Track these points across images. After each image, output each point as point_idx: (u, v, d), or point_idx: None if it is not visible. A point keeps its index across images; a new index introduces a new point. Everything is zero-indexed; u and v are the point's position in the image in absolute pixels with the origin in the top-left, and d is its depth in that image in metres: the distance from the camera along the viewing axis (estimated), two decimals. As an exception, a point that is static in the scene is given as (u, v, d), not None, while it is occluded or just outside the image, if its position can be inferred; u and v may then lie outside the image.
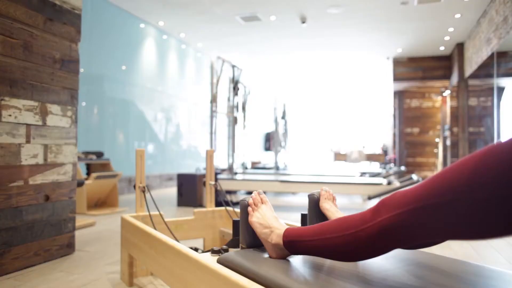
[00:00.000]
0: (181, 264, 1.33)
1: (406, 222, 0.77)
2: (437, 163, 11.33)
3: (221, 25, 7.29)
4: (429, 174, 11.46)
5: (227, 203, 5.05)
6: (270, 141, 12.01)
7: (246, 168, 8.11)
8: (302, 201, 5.70)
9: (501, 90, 6.49)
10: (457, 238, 0.76)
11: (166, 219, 2.36)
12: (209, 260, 1.17)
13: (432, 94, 11.04)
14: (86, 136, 5.65)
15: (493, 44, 6.02)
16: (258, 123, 12.37)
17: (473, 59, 7.42)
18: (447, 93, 9.37)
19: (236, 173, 5.86)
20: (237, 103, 5.81)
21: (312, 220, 1.36)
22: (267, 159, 12.17)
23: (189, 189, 5.04)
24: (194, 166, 8.80)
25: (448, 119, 9.29)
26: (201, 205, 4.94)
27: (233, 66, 5.64)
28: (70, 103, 2.58)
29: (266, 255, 1.14)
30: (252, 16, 6.74)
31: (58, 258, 2.45)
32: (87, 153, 4.67)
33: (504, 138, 0.70)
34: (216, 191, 5.17)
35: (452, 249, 2.81)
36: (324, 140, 14.13)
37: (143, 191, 2.24)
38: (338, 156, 11.95)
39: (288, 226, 1.11)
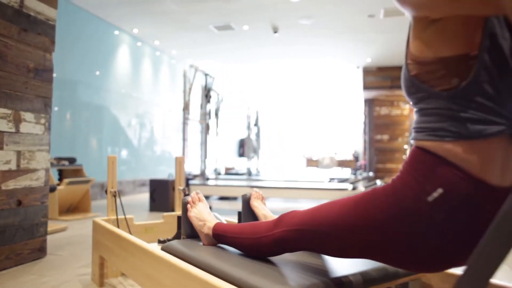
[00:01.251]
0: (139, 256, 1.52)
1: (291, 238, 1.04)
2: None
3: (195, 34, 7.42)
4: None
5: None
6: (243, 147, 12.14)
7: (219, 173, 8.22)
8: (272, 205, 5.86)
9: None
10: (325, 254, 1.05)
11: (137, 223, 2.48)
12: (156, 248, 1.42)
13: (400, 103, 11.43)
14: (59, 141, 5.66)
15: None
16: (232, 129, 12.51)
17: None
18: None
19: (208, 179, 5.97)
20: (210, 110, 5.94)
21: (244, 215, 1.66)
22: (241, 165, 12.32)
23: (162, 195, 5.12)
24: (167, 172, 8.85)
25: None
26: (173, 209, 5.03)
27: (206, 75, 5.77)
28: (43, 111, 2.66)
29: (200, 243, 1.42)
30: (226, 25, 6.90)
31: (29, 261, 2.52)
32: (59, 159, 4.70)
33: None
34: (188, 194, 5.26)
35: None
36: (297, 146, 14.37)
37: (114, 196, 2.35)
38: (310, 162, 12.20)
39: (218, 221, 1.40)
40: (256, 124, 8.79)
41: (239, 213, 1.75)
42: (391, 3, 5.90)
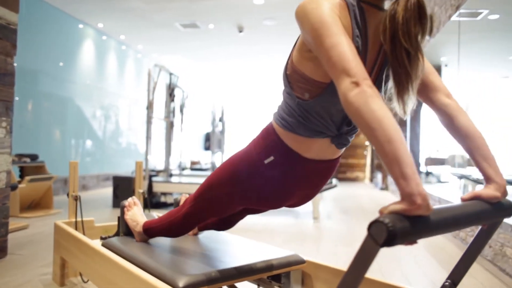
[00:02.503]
0: (90, 255, 1.76)
1: (193, 209, 1.37)
2: (366, 164, 12.18)
3: (161, 30, 7.46)
4: (360, 175, 12.28)
5: (162, 204, 5.29)
6: (209, 141, 12.27)
7: (183, 169, 8.34)
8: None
9: (419, 100, 7.21)
10: (218, 215, 1.45)
11: (97, 224, 2.61)
12: (98, 244, 1.73)
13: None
14: (20, 133, 5.57)
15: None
16: (198, 123, 12.59)
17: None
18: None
19: (171, 175, 6.09)
20: (174, 108, 6.04)
21: None
22: (207, 158, 12.43)
23: (125, 191, 5.19)
24: (133, 165, 8.87)
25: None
26: (136, 206, 5.13)
27: (171, 74, 5.86)
28: (5, 115, 2.73)
29: (134, 240, 1.72)
30: (191, 23, 6.98)
31: (-9, 261, 2.60)
32: (20, 156, 4.71)
33: (422, 140, 1.25)
34: (151, 193, 5.38)
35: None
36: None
37: (76, 200, 2.47)
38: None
39: (146, 220, 1.72)
40: (221, 120, 8.93)
41: None
42: (351, 9, 6.16)
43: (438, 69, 6.42)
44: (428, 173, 7.53)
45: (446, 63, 6.39)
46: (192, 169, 9.09)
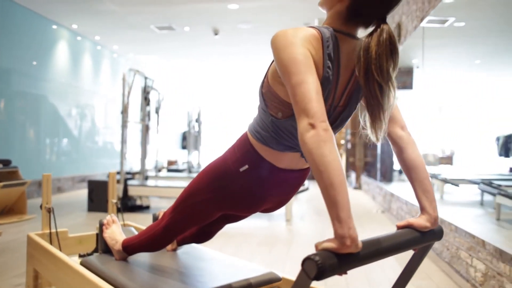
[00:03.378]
0: (65, 271, 1.79)
1: (173, 220, 1.40)
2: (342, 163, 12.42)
3: (136, 32, 7.46)
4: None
5: (137, 207, 5.34)
6: (187, 140, 12.30)
7: (159, 170, 8.37)
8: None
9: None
10: (197, 224, 1.46)
11: (71, 235, 2.66)
12: (76, 262, 1.74)
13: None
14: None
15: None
16: (176, 122, 12.58)
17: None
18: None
19: (147, 178, 6.13)
20: (149, 111, 6.07)
21: None
22: (184, 157, 12.45)
23: (100, 195, 5.21)
24: (109, 165, 8.85)
25: (349, 123, 10.27)
26: (111, 210, 5.16)
27: (146, 78, 5.89)
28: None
29: (113, 258, 1.73)
30: (167, 26, 7.01)
31: (-36, 272, 2.63)
32: (-7, 161, 4.69)
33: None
34: (126, 196, 5.42)
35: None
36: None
37: (49, 212, 2.52)
38: (252, 156, 12.58)
39: (125, 237, 1.73)
40: (197, 120, 8.98)
41: None
42: (324, 14, 6.30)
43: (410, 71, 6.63)
44: (401, 171, 7.76)
45: (418, 65, 6.61)
46: (169, 170, 9.11)
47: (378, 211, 5.90)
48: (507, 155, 6.84)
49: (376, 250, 0.97)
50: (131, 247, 1.62)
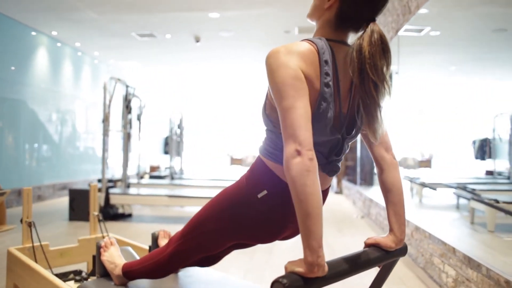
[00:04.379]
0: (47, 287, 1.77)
1: (181, 249, 1.32)
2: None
3: (117, 39, 7.45)
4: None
5: (120, 215, 5.33)
6: (169, 145, 12.28)
7: (142, 177, 8.35)
8: (191, 210, 6.18)
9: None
10: (207, 253, 1.34)
11: (52, 248, 2.67)
12: (60, 281, 1.72)
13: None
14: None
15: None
16: (158, 127, 12.55)
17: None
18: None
19: (129, 185, 6.13)
20: (131, 119, 6.07)
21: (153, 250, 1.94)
22: (167, 162, 12.42)
23: (82, 204, 5.19)
24: (91, 171, 8.79)
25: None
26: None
27: (127, 86, 5.90)
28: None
29: (112, 283, 1.64)
30: (148, 34, 7.03)
31: None
32: (-29, 172, 4.63)
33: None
34: (108, 204, 5.41)
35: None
36: (221, 145, 14.71)
37: (30, 226, 2.53)
38: (234, 161, 12.61)
39: (126, 262, 1.65)
40: (179, 126, 9.00)
41: (150, 248, 2.04)
42: (304, 23, 6.42)
43: (390, 76, 6.79)
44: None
45: (397, 71, 6.78)
46: (151, 176, 9.10)
47: (358, 216, 6.02)
48: (482, 158, 7.04)
49: (342, 270, 1.05)
50: (132, 273, 1.52)
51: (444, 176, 8.45)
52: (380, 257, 1.18)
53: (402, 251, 1.24)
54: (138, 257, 1.90)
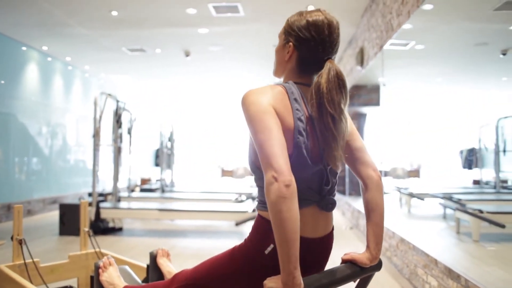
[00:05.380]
0: None
1: None
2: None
3: (107, 53, 7.52)
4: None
5: (110, 230, 5.34)
6: (160, 157, 12.31)
7: (133, 190, 8.36)
8: (182, 223, 6.21)
9: (363, 116, 7.72)
10: None
11: (42, 264, 2.70)
12: None
13: (308, 116, 12.33)
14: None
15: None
16: (149, 139, 12.58)
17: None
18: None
19: (120, 199, 6.15)
20: (121, 134, 6.12)
21: (152, 270, 1.98)
22: (158, 175, 12.42)
23: (72, 219, 5.18)
24: (81, 184, 8.77)
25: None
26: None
27: (117, 101, 5.96)
28: None
29: None
30: (138, 48, 7.12)
31: None
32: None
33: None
34: (99, 218, 5.43)
35: None
36: (212, 157, 14.74)
37: (20, 243, 2.56)
38: (225, 172, 12.66)
39: (126, 285, 1.69)
40: (170, 139, 9.05)
41: (148, 267, 2.09)
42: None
43: (377, 88, 6.93)
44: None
45: (384, 83, 6.92)
46: (142, 189, 9.11)
47: (347, 227, 6.09)
48: (470, 168, 7.18)
49: (318, 286, 1.12)
50: None
51: (432, 186, 8.58)
52: (355, 272, 1.26)
53: (377, 267, 1.32)
54: (136, 277, 1.94)
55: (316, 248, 1.22)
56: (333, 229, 1.32)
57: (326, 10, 1.24)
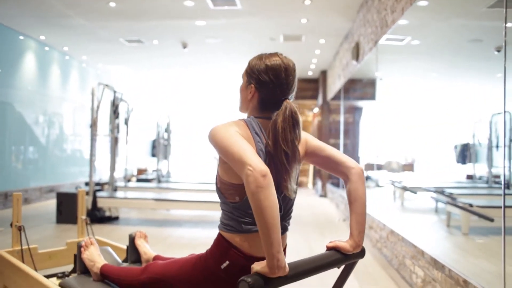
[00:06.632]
0: None
1: (151, 283, 1.48)
2: (309, 170, 12.73)
3: (105, 44, 7.54)
4: (304, 180, 12.82)
5: (107, 218, 5.41)
6: (156, 148, 12.36)
7: (129, 180, 8.43)
8: (177, 213, 6.29)
9: (359, 109, 7.79)
10: None
11: (41, 251, 2.77)
12: (55, 284, 1.83)
13: (305, 110, 12.39)
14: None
15: (342, 79, 7.24)
16: (146, 130, 12.62)
17: (332, 87, 8.70)
18: (316, 110, 10.70)
19: (116, 189, 6.22)
20: (118, 124, 6.17)
21: (130, 250, 2.14)
22: (154, 165, 12.49)
23: (69, 207, 5.26)
24: (78, 174, 8.82)
25: (316, 132, 10.61)
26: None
27: (115, 92, 6.00)
28: None
29: (91, 279, 1.85)
30: (136, 40, 7.14)
31: None
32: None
33: (363, 147, 1.49)
34: (95, 207, 5.51)
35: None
36: (208, 148, 14.82)
37: (19, 230, 2.63)
38: (221, 164, 12.76)
39: (105, 263, 1.85)
40: (167, 130, 9.10)
41: (127, 247, 2.22)
42: (289, 31, 6.59)
43: (373, 83, 7.00)
44: (367, 178, 8.08)
45: (381, 77, 6.98)
46: (138, 179, 9.18)
47: (340, 219, 6.19)
48: (463, 162, 7.26)
49: (302, 271, 1.20)
50: (108, 278, 1.74)
51: (425, 180, 8.68)
52: (338, 259, 1.34)
53: (360, 254, 1.40)
54: (116, 256, 2.13)
55: None
56: (285, 247, 1.43)
57: (282, 54, 1.38)
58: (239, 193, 1.29)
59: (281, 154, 1.25)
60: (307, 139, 1.43)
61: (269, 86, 1.31)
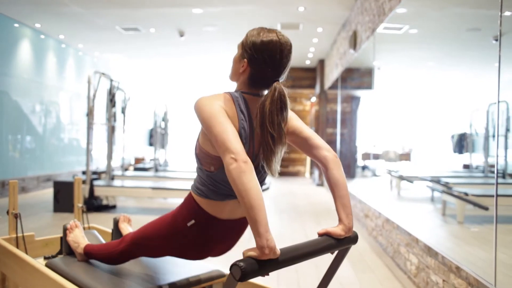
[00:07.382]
0: (31, 273, 1.95)
1: (129, 249, 1.58)
2: (307, 159, 12.77)
3: (101, 32, 7.48)
4: (302, 169, 12.86)
5: (104, 207, 5.43)
6: (154, 137, 12.35)
7: (126, 169, 8.43)
8: (174, 202, 6.31)
9: (357, 98, 7.78)
10: (150, 256, 1.63)
11: (37, 238, 2.79)
12: (41, 264, 1.90)
13: (302, 99, 12.38)
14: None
15: (339, 68, 7.21)
16: (143, 119, 12.61)
17: (330, 76, 8.68)
18: (313, 99, 10.69)
19: (113, 178, 6.22)
20: (115, 112, 6.16)
21: (115, 234, 2.22)
22: (151, 154, 12.50)
23: (66, 196, 5.28)
24: (75, 162, 8.82)
25: (313, 121, 10.61)
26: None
27: (111, 80, 5.97)
28: None
29: (75, 259, 1.92)
30: (133, 28, 7.09)
31: None
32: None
33: (361, 136, 1.54)
34: (93, 196, 5.52)
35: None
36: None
37: (16, 217, 2.64)
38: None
39: (88, 243, 1.92)
40: (164, 119, 9.08)
41: (112, 231, 2.31)
42: (287, 19, 6.55)
43: (371, 72, 6.98)
44: (364, 167, 8.10)
45: (379, 66, 6.97)
46: (135, 168, 9.18)
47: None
48: (460, 152, 7.28)
49: (294, 255, 1.21)
50: (90, 256, 1.82)
51: (422, 169, 8.71)
52: (331, 245, 1.34)
53: (353, 239, 1.41)
54: (101, 239, 2.23)
55: (234, 225, 1.46)
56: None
57: (281, 32, 1.37)
58: (215, 163, 1.34)
59: (267, 136, 1.28)
60: (291, 117, 1.43)
61: (262, 65, 1.32)
